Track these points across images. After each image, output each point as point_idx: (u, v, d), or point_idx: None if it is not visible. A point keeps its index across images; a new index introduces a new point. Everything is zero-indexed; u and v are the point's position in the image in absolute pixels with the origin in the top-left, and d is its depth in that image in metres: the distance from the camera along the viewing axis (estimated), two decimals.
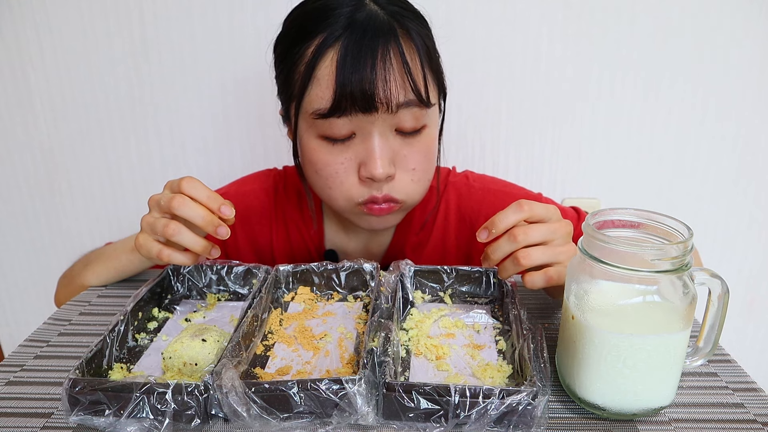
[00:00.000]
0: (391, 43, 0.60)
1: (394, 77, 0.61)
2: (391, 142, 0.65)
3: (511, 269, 0.55)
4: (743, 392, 0.50)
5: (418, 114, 0.64)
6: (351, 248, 0.83)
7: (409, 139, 0.65)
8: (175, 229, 0.57)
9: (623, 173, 1.13)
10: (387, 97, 0.60)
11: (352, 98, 0.60)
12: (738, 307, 1.22)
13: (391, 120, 0.63)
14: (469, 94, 1.08)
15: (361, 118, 0.62)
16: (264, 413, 0.44)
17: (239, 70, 1.07)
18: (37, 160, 1.16)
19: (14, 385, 0.53)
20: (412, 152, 0.66)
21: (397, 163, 0.66)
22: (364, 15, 0.61)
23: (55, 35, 1.05)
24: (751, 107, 1.07)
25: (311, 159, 0.67)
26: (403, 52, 0.61)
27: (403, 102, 0.62)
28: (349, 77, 0.59)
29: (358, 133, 0.64)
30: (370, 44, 0.59)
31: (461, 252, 0.82)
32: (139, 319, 0.59)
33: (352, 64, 0.59)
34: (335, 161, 0.65)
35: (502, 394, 0.42)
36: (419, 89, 0.62)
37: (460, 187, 0.82)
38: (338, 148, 0.65)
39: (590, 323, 0.45)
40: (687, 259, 0.43)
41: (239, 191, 0.84)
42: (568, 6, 1.01)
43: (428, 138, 0.67)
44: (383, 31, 0.60)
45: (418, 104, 0.63)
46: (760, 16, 1.00)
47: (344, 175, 0.66)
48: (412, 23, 0.63)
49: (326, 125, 0.63)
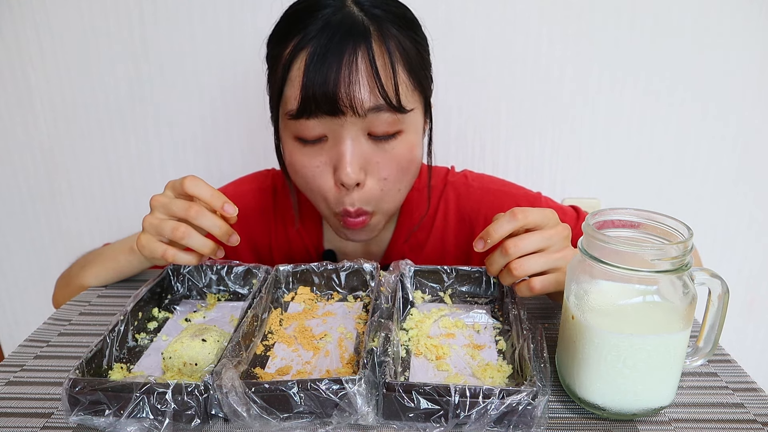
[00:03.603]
0: (361, 45, 0.59)
1: (360, 80, 0.59)
2: (363, 146, 0.63)
3: (508, 279, 0.56)
4: (743, 392, 0.50)
5: (391, 119, 0.62)
6: (350, 248, 0.83)
7: (383, 144, 0.63)
8: (185, 232, 0.58)
9: (623, 173, 1.13)
10: (350, 100, 0.59)
11: (315, 100, 0.59)
12: (738, 307, 1.22)
13: (361, 124, 0.61)
14: (469, 94, 1.07)
15: (331, 120, 0.61)
16: (264, 413, 0.44)
17: (239, 70, 1.07)
18: (37, 160, 1.16)
19: (14, 385, 0.53)
20: (385, 159, 0.64)
21: (369, 170, 0.64)
22: (340, 17, 0.60)
23: (55, 35, 1.05)
24: (751, 107, 1.07)
25: (290, 160, 0.67)
26: (373, 56, 0.59)
27: (371, 106, 0.60)
28: (312, 79, 0.59)
29: (330, 136, 0.63)
30: (338, 46, 0.58)
31: (461, 251, 0.82)
32: (139, 319, 0.59)
33: (316, 66, 0.58)
34: (311, 164, 0.65)
35: (502, 394, 0.42)
36: (388, 94, 0.60)
37: (458, 187, 0.82)
38: (313, 150, 0.64)
39: (590, 323, 0.45)
40: (687, 259, 0.43)
41: (237, 191, 0.84)
42: (568, 6, 1.01)
43: (404, 144, 0.64)
44: (355, 33, 0.59)
45: (389, 109, 0.61)
46: (760, 16, 1.00)
47: (321, 179, 0.65)
48: (393, 27, 0.62)
49: (299, 126, 0.62)
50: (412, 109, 0.64)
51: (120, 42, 1.05)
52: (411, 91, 0.64)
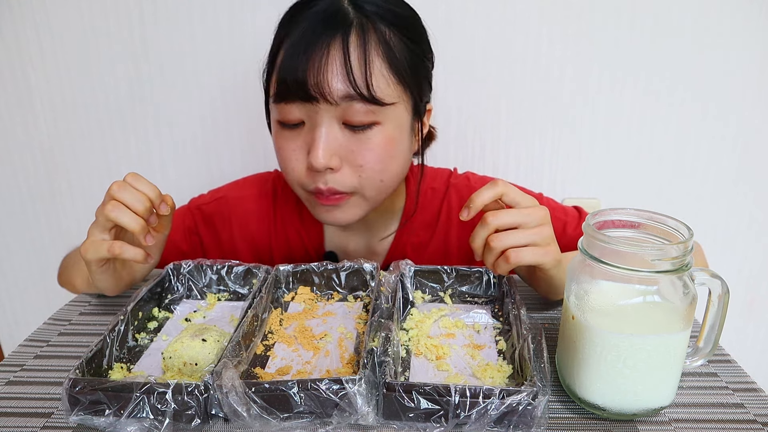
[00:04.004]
0: (338, 35, 0.61)
1: (332, 69, 0.61)
2: (337, 134, 0.64)
3: (489, 258, 0.56)
4: (743, 392, 0.50)
5: (365, 109, 0.63)
6: (351, 248, 0.83)
7: (359, 134, 0.65)
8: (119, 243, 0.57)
9: (623, 173, 1.13)
10: (320, 87, 0.61)
11: (288, 85, 0.62)
12: (738, 307, 1.22)
13: (335, 112, 0.63)
14: (469, 94, 1.07)
15: (307, 107, 0.63)
16: (264, 413, 0.44)
17: (239, 70, 1.07)
18: (37, 160, 1.16)
19: (14, 385, 0.53)
20: (360, 149, 0.65)
21: (343, 156, 0.66)
22: (327, 8, 0.63)
23: (55, 35, 1.05)
24: (751, 107, 1.07)
25: (274, 143, 0.70)
26: (347, 46, 0.61)
27: (343, 95, 0.62)
28: (287, 64, 0.62)
29: (306, 122, 0.65)
30: (315, 35, 0.61)
31: (463, 252, 0.82)
32: (139, 319, 0.59)
33: (292, 53, 0.62)
34: (288, 147, 0.67)
35: (502, 394, 0.42)
36: (359, 85, 0.61)
37: (461, 189, 0.83)
38: (291, 134, 0.66)
39: (590, 323, 0.45)
40: (687, 259, 0.43)
41: (237, 196, 0.84)
42: (568, 6, 1.01)
43: (381, 136, 0.65)
44: (334, 24, 0.62)
45: (362, 100, 0.62)
46: (760, 16, 1.00)
47: (295, 161, 0.67)
48: (382, 22, 0.64)
49: (280, 110, 0.65)
50: (392, 103, 0.65)
51: (120, 42, 1.05)
52: (393, 85, 0.64)
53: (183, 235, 0.83)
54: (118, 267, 0.62)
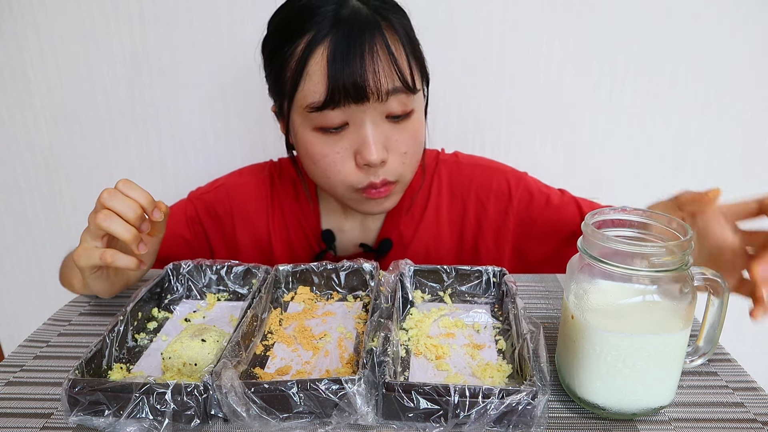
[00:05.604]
0: (377, 36, 0.64)
1: (382, 68, 0.64)
2: (383, 128, 0.68)
3: None
4: (743, 392, 0.50)
5: (405, 100, 0.67)
6: (347, 228, 0.85)
7: (399, 124, 0.69)
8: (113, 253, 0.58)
9: (623, 173, 1.13)
10: (377, 87, 0.64)
11: (344, 91, 0.63)
12: (738, 307, 1.22)
13: (381, 108, 0.66)
14: (469, 94, 1.07)
15: (353, 108, 0.65)
16: (264, 413, 0.44)
17: (239, 70, 1.07)
18: (37, 160, 1.16)
19: (14, 385, 0.53)
20: (402, 136, 0.69)
21: (389, 148, 0.69)
22: (348, 11, 0.64)
23: (55, 36, 1.05)
24: (751, 107, 1.07)
25: (309, 151, 0.70)
26: (388, 44, 0.64)
27: (391, 90, 0.65)
28: (340, 71, 0.63)
29: (350, 123, 0.67)
30: (358, 39, 0.63)
31: (454, 227, 0.85)
32: (138, 319, 0.59)
33: (342, 59, 0.63)
34: (332, 151, 0.68)
35: (501, 393, 0.42)
36: (405, 77, 0.66)
37: (450, 165, 0.87)
38: (333, 138, 0.68)
39: (590, 323, 0.45)
40: (687, 258, 0.43)
41: (236, 183, 0.87)
42: (568, 6, 1.01)
43: (416, 121, 0.70)
44: (368, 25, 0.64)
45: (405, 91, 0.66)
46: (760, 14, 1.00)
47: (341, 164, 0.69)
48: (393, 15, 0.67)
49: (320, 117, 0.66)
50: (420, 89, 0.70)
51: (120, 42, 1.05)
52: (417, 72, 0.69)
53: (186, 225, 0.85)
54: (111, 273, 0.63)
